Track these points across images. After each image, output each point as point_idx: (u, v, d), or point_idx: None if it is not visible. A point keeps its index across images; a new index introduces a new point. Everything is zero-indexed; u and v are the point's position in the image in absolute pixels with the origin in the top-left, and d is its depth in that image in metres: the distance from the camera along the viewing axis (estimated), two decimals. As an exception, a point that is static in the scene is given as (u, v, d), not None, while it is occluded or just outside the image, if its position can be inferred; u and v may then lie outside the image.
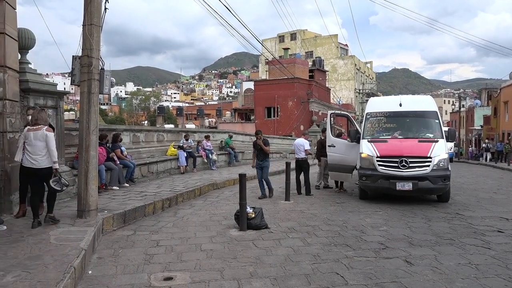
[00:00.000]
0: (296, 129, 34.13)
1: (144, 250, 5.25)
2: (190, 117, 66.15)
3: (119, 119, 68.52)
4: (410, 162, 8.62)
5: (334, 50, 60.22)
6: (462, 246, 5.39)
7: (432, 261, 4.76)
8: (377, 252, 5.14)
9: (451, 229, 6.41)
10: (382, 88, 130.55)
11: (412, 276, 4.26)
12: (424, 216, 7.51)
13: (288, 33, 62.43)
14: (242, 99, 47.21)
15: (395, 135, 9.59)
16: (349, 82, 58.78)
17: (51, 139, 5.71)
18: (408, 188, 8.54)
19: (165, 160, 13.07)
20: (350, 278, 4.21)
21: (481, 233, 6.13)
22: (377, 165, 8.89)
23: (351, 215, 7.61)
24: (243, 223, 6.30)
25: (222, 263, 4.70)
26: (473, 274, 4.30)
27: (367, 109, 10.60)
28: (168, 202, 8.35)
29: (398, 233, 6.15)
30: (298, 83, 34.61)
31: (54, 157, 5.70)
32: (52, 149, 5.67)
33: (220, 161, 17.30)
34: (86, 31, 6.15)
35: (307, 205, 8.74)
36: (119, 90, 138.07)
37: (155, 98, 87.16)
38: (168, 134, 15.61)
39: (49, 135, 5.68)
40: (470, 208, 8.36)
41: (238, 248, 5.32)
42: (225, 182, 11.95)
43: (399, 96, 11.12)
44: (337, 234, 6.09)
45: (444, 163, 8.77)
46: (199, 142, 15.91)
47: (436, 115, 9.87)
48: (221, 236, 5.98)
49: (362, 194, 9.57)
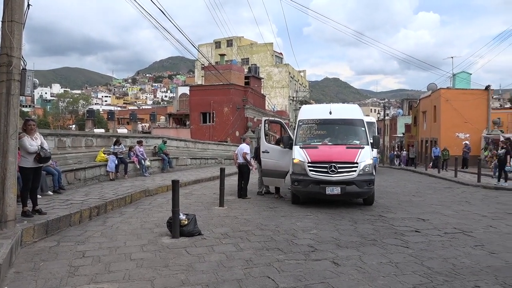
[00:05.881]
0: (232, 135, 34.28)
1: (69, 262, 4.95)
2: (122, 122, 63.74)
3: (44, 122, 63.93)
4: (338, 167, 9.04)
5: (270, 58, 61.55)
6: (384, 246, 5.77)
7: (357, 261, 5.04)
8: (307, 254, 5.33)
9: (375, 231, 6.83)
10: (314, 96, 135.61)
11: (338, 276, 4.47)
12: (351, 218, 7.92)
13: (224, 39, 62.73)
14: (177, 104, 46.38)
15: (325, 142, 10.02)
16: (284, 89, 60.36)
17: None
18: (337, 192, 8.94)
19: (94, 166, 12.44)
20: (281, 281, 4.31)
21: (401, 233, 6.60)
22: (308, 171, 9.22)
23: (283, 220, 7.81)
24: (176, 230, 6.19)
25: (153, 272, 4.58)
26: (393, 272, 4.61)
27: (300, 117, 10.96)
28: (97, 210, 7.95)
29: (327, 236, 6.42)
30: (234, 89, 34.83)
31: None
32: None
33: (153, 167, 16.85)
34: (6, 28, 5.71)
35: (241, 211, 8.81)
36: (44, 91, 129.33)
37: (84, 101, 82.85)
38: (97, 139, 14.89)
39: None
40: (392, 210, 8.97)
41: (170, 256, 5.22)
42: (158, 189, 11.66)
43: (329, 105, 11.66)
44: (270, 239, 6.21)
45: (369, 168, 9.32)
46: (132, 148, 15.38)
47: (363, 123, 10.47)
48: (153, 244, 5.83)
49: (294, 199, 9.85)
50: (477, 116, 27.75)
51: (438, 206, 9.80)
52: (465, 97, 28.01)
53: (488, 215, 8.43)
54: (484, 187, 14.31)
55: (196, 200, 10.35)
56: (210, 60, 52.91)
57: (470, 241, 6.08)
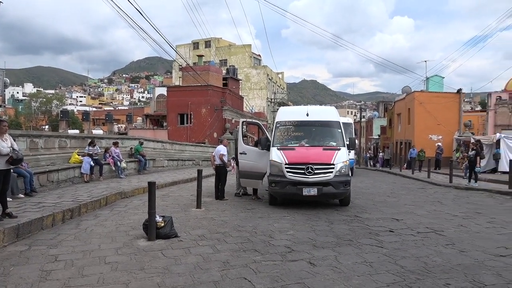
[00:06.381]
0: (210, 136, 34.13)
1: (40, 266, 4.83)
2: (97, 122, 62.49)
3: (15, 123, 61.94)
4: (315, 168, 9.14)
5: (248, 60, 61.62)
6: (359, 246, 5.86)
7: (333, 261, 5.11)
8: (283, 255, 5.36)
9: (350, 231, 6.93)
10: (292, 98, 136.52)
11: (314, 276, 4.52)
12: (327, 219, 8.02)
13: (202, 40, 62.43)
14: (154, 105, 45.79)
15: (302, 143, 10.11)
16: (262, 91, 60.53)
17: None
18: (314, 193, 9.04)
19: (67, 168, 12.17)
20: (258, 282, 4.33)
21: (376, 233, 6.73)
22: (286, 172, 9.28)
23: (260, 221, 7.83)
24: (152, 232, 6.12)
25: (128, 276, 4.51)
26: (367, 271, 4.69)
27: (277, 118, 11.02)
28: (70, 213, 7.78)
29: (304, 237, 6.48)
30: (212, 91, 34.69)
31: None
32: None
33: (129, 168, 16.60)
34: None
35: (218, 212, 8.78)
36: (16, 91, 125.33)
37: (58, 101, 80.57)
38: (72, 140, 14.57)
39: None
40: (367, 211, 9.13)
41: (146, 259, 5.16)
42: (134, 191, 11.50)
43: (307, 107, 11.78)
44: (247, 240, 6.22)
45: (346, 170, 9.46)
46: (107, 149, 15.11)
47: (339, 125, 10.61)
48: (128, 247, 5.74)
49: (272, 200, 9.89)
50: (449, 119, 28.54)
51: (412, 206, 10.03)
52: (438, 100, 28.79)
53: (459, 215, 8.68)
54: (455, 188, 14.72)
55: (173, 202, 10.26)
56: (188, 61, 52.57)
57: (441, 240, 6.25)
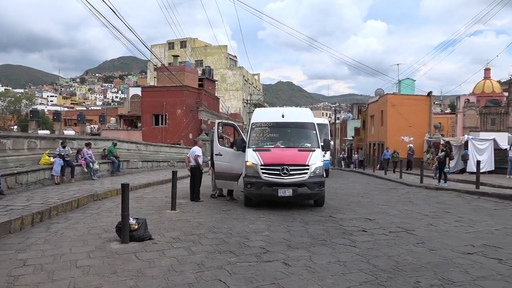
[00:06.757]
0: (185, 137, 33.85)
1: (8, 271, 4.67)
2: (69, 123, 61.03)
3: (-19, 123, 59.76)
4: (290, 169, 9.21)
5: (224, 61, 61.46)
6: (333, 246, 5.95)
7: (307, 261, 5.16)
8: (258, 256, 5.38)
9: (325, 231, 7.03)
10: (268, 99, 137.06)
11: (289, 277, 4.56)
12: (302, 220, 8.10)
13: (178, 40, 61.81)
14: (128, 105, 45.03)
15: (277, 145, 10.17)
16: (238, 92, 60.47)
17: None
18: (289, 194, 9.11)
19: (37, 170, 11.81)
20: (233, 283, 4.32)
21: (349, 233, 6.84)
22: (261, 173, 9.31)
23: (236, 222, 7.83)
24: (125, 235, 6.02)
25: (100, 279, 4.42)
26: (341, 271, 4.77)
27: (253, 119, 11.05)
28: (40, 216, 7.55)
29: (279, 237, 6.52)
30: (187, 91, 34.43)
31: None
32: None
33: (102, 170, 16.27)
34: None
35: (193, 214, 8.73)
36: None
37: (28, 100, 78.07)
38: (42, 141, 14.14)
39: None
40: (341, 211, 9.27)
41: (119, 262, 5.07)
42: (107, 193, 11.27)
43: (282, 108, 11.86)
44: (222, 241, 6.21)
45: (320, 171, 9.58)
46: (79, 150, 14.75)
47: (314, 127, 10.73)
48: (100, 250, 5.63)
49: (247, 201, 9.90)
50: (420, 121, 29.34)
51: (384, 206, 10.26)
52: (409, 103, 29.55)
53: (429, 214, 8.93)
54: (426, 188, 15.14)
55: (147, 204, 10.12)
56: (163, 61, 52.01)
57: (412, 239, 6.42)
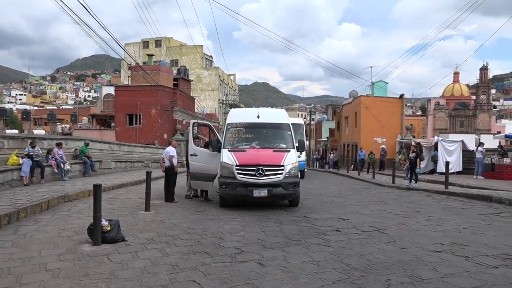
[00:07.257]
0: (160, 137, 33.45)
1: (-28, 275, 4.50)
2: (39, 122, 59.28)
3: None
4: (266, 170, 9.25)
5: (199, 61, 61.11)
6: (307, 246, 6.01)
7: (282, 261, 5.20)
8: (233, 257, 5.38)
9: (299, 231, 7.09)
10: (244, 100, 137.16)
11: (264, 277, 4.58)
12: (277, 220, 8.14)
13: (153, 39, 61.06)
14: (101, 105, 44.10)
15: (253, 145, 10.20)
16: (214, 92, 60.28)
17: None
18: (264, 194, 9.14)
19: (5, 171, 11.42)
20: (207, 284, 4.31)
21: (323, 233, 6.93)
22: (236, 174, 9.31)
23: (211, 223, 7.80)
24: (97, 237, 5.90)
25: (71, 282, 4.32)
26: (314, 270, 4.83)
27: (228, 120, 11.04)
28: (7, 218, 7.31)
29: (254, 238, 6.54)
30: (162, 91, 34.04)
31: None
32: None
33: (74, 171, 15.89)
34: None
35: (168, 215, 8.64)
36: None
37: (-5, 99, 75.47)
38: (9, 140, 13.69)
39: None
40: (316, 211, 9.38)
41: (90, 264, 4.96)
42: (78, 194, 11.01)
43: (257, 109, 11.90)
44: (197, 242, 6.17)
45: (295, 171, 9.66)
46: (50, 150, 14.35)
47: (289, 127, 10.81)
48: (71, 253, 5.50)
49: (222, 202, 9.88)
50: (392, 122, 30.05)
51: (357, 206, 10.44)
52: (382, 105, 30.21)
53: (401, 214, 9.15)
54: (397, 188, 15.50)
55: (121, 205, 9.95)
56: (138, 60, 51.24)
57: (384, 238, 6.56)
